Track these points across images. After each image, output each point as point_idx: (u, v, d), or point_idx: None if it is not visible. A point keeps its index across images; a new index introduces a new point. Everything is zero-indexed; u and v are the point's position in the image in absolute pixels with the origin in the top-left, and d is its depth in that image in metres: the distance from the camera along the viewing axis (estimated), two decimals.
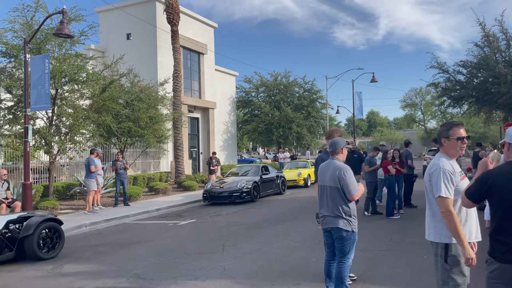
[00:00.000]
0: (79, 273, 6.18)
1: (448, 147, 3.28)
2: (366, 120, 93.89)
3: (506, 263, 2.55)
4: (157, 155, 21.42)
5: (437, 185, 3.14)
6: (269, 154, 60.35)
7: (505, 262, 2.55)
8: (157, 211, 12.82)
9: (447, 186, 3.11)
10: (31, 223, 6.96)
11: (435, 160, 3.30)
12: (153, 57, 21.98)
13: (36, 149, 13.03)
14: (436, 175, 3.18)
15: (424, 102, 65.90)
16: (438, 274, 3.23)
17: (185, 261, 6.56)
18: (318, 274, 5.54)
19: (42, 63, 10.94)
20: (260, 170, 15.81)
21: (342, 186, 4.37)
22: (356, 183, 4.42)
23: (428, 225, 3.35)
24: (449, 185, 3.12)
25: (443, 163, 3.23)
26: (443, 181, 3.12)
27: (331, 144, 4.61)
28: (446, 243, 3.18)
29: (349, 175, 4.38)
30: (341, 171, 4.39)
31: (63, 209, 12.89)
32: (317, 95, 35.24)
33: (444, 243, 3.19)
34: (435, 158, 3.33)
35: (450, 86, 23.48)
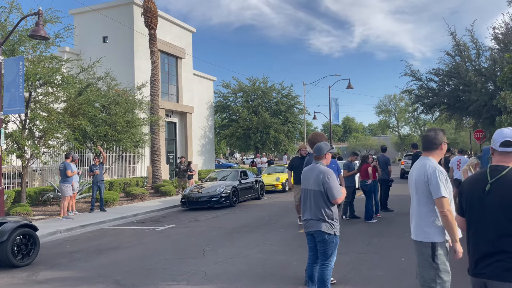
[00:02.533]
0: (55, 280, 6.03)
1: (442, 151, 3.49)
2: (342, 125, 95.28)
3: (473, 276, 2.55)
4: (133, 160, 21.11)
5: (438, 187, 3.24)
6: (246, 159, 60.39)
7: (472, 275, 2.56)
8: (134, 217, 12.63)
9: (445, 186, 3.25)
10: (5, 230, 6.74)
11: (428, 162, 3.37)
12: (130, 61, 21.71)
13: (8, 153, 12.64)
14: (435, 176, 3.27)
15: (398, 109, 67.56)
16: (426, 272, 3.30)
17: (166, 267, 6.49)
18: (299, 277, 5.59)
19: (16, 65, 10.65)
20: (239, 175, 15.81)
21: (326, 190, 4.45)
22: (339, 187, 4.51)
23: (416, 226, 3.41)
24: (446, 185, 3.27)
25: (435, 164, 3.36)
26: (441, 182, 3.25)
27: (316, 149, 4.68)
28: (433, 242, 3.29)
29: (332, 179, 4.47)
30: (325, 175, 4.46)
31: (36, 215, 12.53)
32: (294, 101, 35.58)
33: (431, 242, 3.30)
34: (427, 160, 3.41)
35: (423, 93, 24.14)
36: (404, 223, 9.62)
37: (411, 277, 5.46)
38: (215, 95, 33.21)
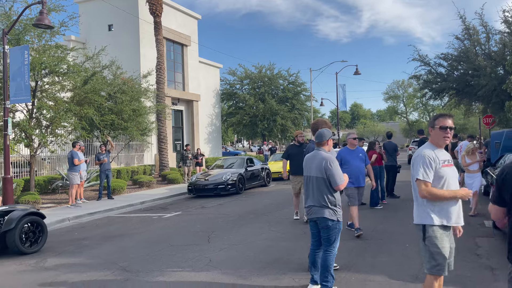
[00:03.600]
0: (63, 266, 6.12)
1: (433, 136, 3.49)
2: (350, 112, 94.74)
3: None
4: (140, 148, 21.23)
5: (416, 169, 3.39)
6: (253, 147, 60.44)
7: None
8: (141, 204, 12.74)
9: (425, 170, 3.33)
10: (13, 217, 6.85)
11: (421, 148, 3.50)
12: (135, 49, 21.67)
13: (17, 142, 12.76)
14: (416, 160, 3.42)
15: (406, 95, 66.85)
16: (422, 254, 3.47)
17: (171, 253, 6.56)
18: (303, 263, 5.61)
19: (21, 54, 10.68)
20: (245, 163, 15.84)
21: (328, 177, 4.43)
22: (341, 173, 4.49)
23: (414, 210, 3.55)
24: (427, 169, 3.33)
25: (424, 149, 3.44)
26: (421, 166, 3.35)
27: (317, 135, 4.66)
28: (423, 224, 3.41)
29: (334, 165, 4.45)
30: (327, 162, 4.44)
31: (45, 203, 12.70)
32: (301, 88, 35.36)
33: (422, 224, 3.42)
34: (422, 147, 3.53)
35: (431, 78, 23.82)
36: (409, 209, 9.57)
37: (415, 263, 5.46)
38: (221, 82, 33.11)
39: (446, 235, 3.40)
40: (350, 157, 7.38)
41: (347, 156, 7.39)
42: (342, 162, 7.22)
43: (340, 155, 7.30)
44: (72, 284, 5.25)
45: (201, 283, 5.03)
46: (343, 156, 7.36)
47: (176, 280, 5.20)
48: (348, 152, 7.46)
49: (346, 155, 7.40)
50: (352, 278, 5.00)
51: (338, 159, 7.13)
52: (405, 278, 4.92)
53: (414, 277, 4.95)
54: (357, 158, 7.43)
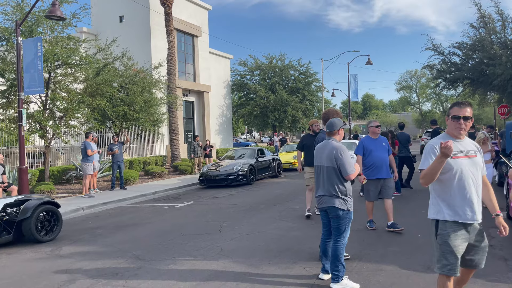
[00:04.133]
0: (78, 254, 6.24)
1: (448, 126, 3.32)
2: (361, 103, 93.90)
3: None
4: (152, 139, 21.39)
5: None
6: (264, 138, 60.40)
7: None
8: (153, 194, 12.88)
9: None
10: (29, 206, 6.99)
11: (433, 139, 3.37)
12: (146, 40, 21.73)
13: (31, 133, 12.98)
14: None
15: (419, 85, 65.99)
16: (434, 249, 3.29)
17: (183, 242, 6.63)
18: (314, 253, 5.63)
19: (34, 46, 10.79)
20: (256, 153, 15.86)
21: (339, 166, 4.42)
22: (352, 163, 4.47)
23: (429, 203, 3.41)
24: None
25: (434, 139, 3.31)
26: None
27: (328, 125, 4.64)
28: (436, 220, 3.25)
29: (345, 155, 4.43)
30: (337, 151, 4.43)
31: (59, 193, 12.91)
32: (312, 78, 35.14)
33: (435, 220, 3.26)
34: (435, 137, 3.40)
35: (445, 68, 23.44)
36: (421, 200, 9.53)
37: (427, 253, 5.44)
38: (232, 73, 33.08)
39: (460, 234, 3.15)
40: (373, 147, 6.87)
41: (369, 145, 6.89)
42: (365, 152, 6.82)
43: (362, 145, 6.88)
44: (86, 271, 5.35)
45: (212, 272, 5.09)
46: (365, 145, 6.89)
47: (188, 268, 5.27)
48: (371, 142, 6.95)
49: (369, 145, 6.90)
50: (363, 268, 5.01)
51: (360, 148, 6.83)
52: (416, 268, 4.91)
53: (425, 267, 4.93)
54: (380, 147, 6.89)
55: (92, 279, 5.00)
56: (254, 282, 4.65)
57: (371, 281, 4.55)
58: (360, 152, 6.85)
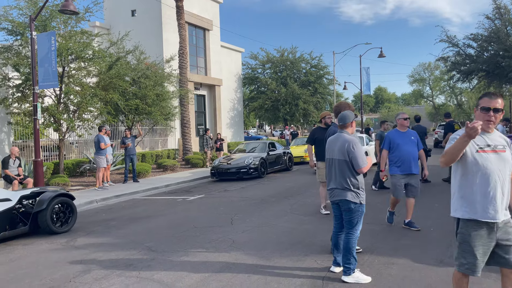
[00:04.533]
0: (92, 245, 6.35)
1: (476, 117, 3.07)
2: (374, 96, 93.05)
3: None
4: (164, 132, 21.53)
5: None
6: (275, 131, 60.33)
7: None
8: (166, 187, 12.99)
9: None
10: (44, 198, 7.12)
11: None
12: (158, 34, 21.80)
13: (46, 126, 13.17)
14: None
15: (432, 77, 65.09)
16: (456, 246, 3.16)
17: (195, 234, 6.69)
18: (325, 245, 5.64)
19: (48, 40, 10.92)
20: (267, 147, 15.87)
21: (351, 159, 4.41)
22: (364, 156, 4.45)
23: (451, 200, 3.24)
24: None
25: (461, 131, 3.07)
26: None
27: (341, 117, 4.61)
28: (457, 218, 3.13)
29: (357, 148, 4.41)
30: (350, 144, 4.41)
31: (73, 185, 13.10)
32: (324, 71, 34.89)
33: (456, 218, 3.14)
34: None
35: (459, 60, 23.09)
36: (435, 193, 9.45)
37: (440, 247, 5.41)
38: (243, 67, 33.02)
39: (483, 234, 2.99)
40: (401, 141, 6.37)
41: (397, 139, 6.40)
42: (391, 146, 6.40)
43: (389, 139, 6.42)
44: (100, 262, 5.44)
45: (224, 263, 5.13)
46: (392, 139, 6.42)
47: (200, 260, 5.32)
48: (398, 135, 6.45)
49: (396, 138, 6.41)
50: (375, 261, 5.00)
51: (386, 142, 6.44)
52: (429, 261, 4.89)
53: (438, 261, 4.90)
54: (409, 141, 6.39)
55: (106, 270, 5.09)
56: (265, 274, 4.68)
57: (383, 274, 4.54)
58: (386, 146, 6.46)
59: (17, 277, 5.02)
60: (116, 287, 4.50)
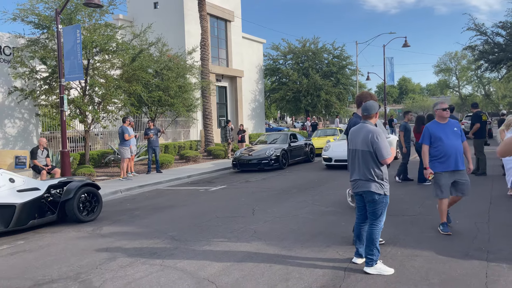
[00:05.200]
0: (117, 234, 6.50)
1: None
2: (397, 86, 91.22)
3: None
4: (187, 124, 21.74)
5: None
6: (297, 123, 60.06)
7: None
8: (188, 178, 13.15)
9: None
10: (71, 188, 7.32)
11: None
12: (180, 26, 21.92)
13: (72, 118, 13.49)
14: None
15: (459, 67, 63.23)
16: None
17: (217, 224, 6.77)
18: (347, 237, 5.61)
19: (73, 33, 11.13)
20: (289, 138, 15.82)
21: (375, 150, 4.34)
22: (389, 147, 4.38)
23: None
24: None
25: None
26: None
27: (365, 108, 4.53)
28: None
29: (381, 138, 4.34)
30: (373, 135, 4.35)
31: (99, 176, 13.41)
32: (346, 61, 34.38)
33: None
34: None
35: (488, 49, 22.36)
36: None
37: (466, 240, 5.30)
38: (264, 58, 32.87)
39: None
40: (442, 133, 5.70)
41: (438, 132, 5.73)
42: (432, 140, 5.75)
43: (429, 132, 5.78)
44: (125, 250, 5.57)
45: (246, 253, 5.17)
46: (432, 132, 5.76)
47: (222, 249, 5.38)
48: (439, 127, 5.77)
49: (436, 131, 5.74)
50: (398, 253, 4.94)
51: (426, 137, 5.80)
52: (454, 254, 4.80)
53: (464, 253, 4.81)
54: (451, 133, 5.71)
55: (131, 258, 5.21)
56: (287, 264, 4.69)
57: (406, 266, 4.49)
58: (427, 140, 5.81)
59: (46, 263, 5.20)
60: (140, 274, 4.60)
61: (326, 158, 13.90)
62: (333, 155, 13.62)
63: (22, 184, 6.98)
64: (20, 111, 13.80)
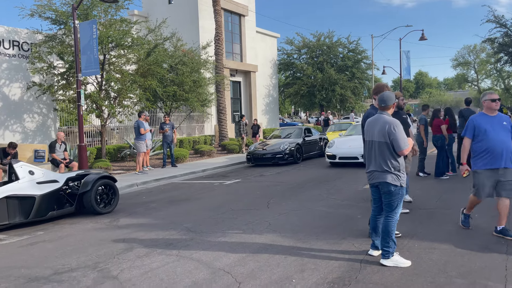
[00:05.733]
0: (133, 225, 6.59)
1: None
2: (414, 81, 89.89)
3: None
4: (201, 119, 21.84)
5: None
6: (311, 118, 59.76)
7: None
8: (203, 172, 13.23)
9: None
10: (89, 180, 7.43)
11: None
12: (194, 21, 21.98)
13: (89, 112, 13.67)
14: None
15: (478, 60, 61.96)
16: None
17: (232, 217, 6.79)
18: (363, 230, 5.57)
19: (89, 28, 11.26)
20: (303, 132, 15.76)
21: (392, 141, 4.29)
22: (406, 138, 4.31)
23: None
24: None
25: None
26: None
27: (381, 99, 4.48)
28: None
29: (399, 129, 4.28)
30: (390, 126, 4.29)
31: (115, 169, 13.58)
32: (362, 55, 34.02)
33: None
34: None
35: (508, 41, 21.86)
36: None
37: (485, 233, 5.21)
38: (278, 52, 32.75)
39: None
40: (490, 126, 5.11)
41: (484, 124, 5.14)
42: (476, 133, 5.17)
43: (473, 123, 5.21)
44: (142, 241, 5.64)
45: (261, 245, 5.18)
46: (477, 124, 5.17)
47: (237, 241, 5.40)
48: (486, 119, 5.18)
49: (483, 124, 5.15)
50: (415, 246, 4.88)
51: (470, 129, 5.22)
52: (472, 247, 4.72)
53: (483, 247, 4.73)
54: (499, 127, 5.12)
55: (148, 248, 5.27)
56: (302, 256, 4.68)
57: (423, 259, 4.43)
58: (470, 133, 5.23)
59: (66, 253, 5.30)
60: (157, 264, 4.65)
61: (330, 155, 13.01)
62: (337, 152, 12.82)
63: (41, 177, 7.12)
64: (39, 106, 14.05)
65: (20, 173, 6.90)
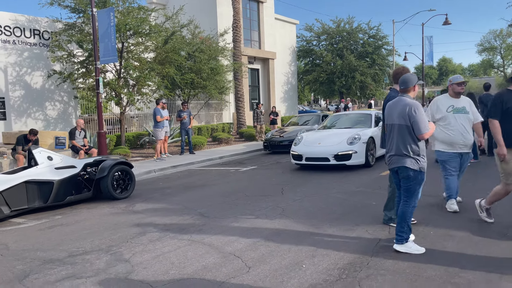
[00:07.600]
0: (149, 210, 6.67)
1: None
2: (437, 67, 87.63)
3: None
4: (219, 106, 21.87)
5: None
6: (331, 106, 59.11)
7: None
8: (220, 159, 13.27)
9: None
10: (105, 166, 7.54)
11: None
12: (212, 8, 21.87)
13: (108, 100, 13.85)
14: None
15: (504, 45, 59.81)
16: None
17: (246, 202, 6.79)
18: (377, 216, 5.48)
19: (107, 16, 11.33)
20: (321, 119, 15.58)
21: (412, 124, 4.15)
22: (426, 122, 4.15)
23: None
24: None
25: None
26: None
27: (403, 81, 4.32)
28: None
29: (419, 112, 4.14)
30: (411, 108, 4.15)
31: (134, 156, 13.77)
32: (382, 41, 33.22)
33: None
34: None
35: None
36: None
37: (504, 221, 5.06)
38: (297, 39, 32.32)
39: None
40: None
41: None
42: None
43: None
44: (156, 225, 5.70)
45: (274, 230, 5.16)
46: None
47: (250, 226, 5.39)
48: None
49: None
50: (430, 232, 4.77)
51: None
52: (490, 235, 4.58)
53: (501, 234, 4.58)
54: None
55: (161, 233, 5.32)
56: (314, 242, 4.64)
57: (437, 246, 4.33)
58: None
59: (81, 236, 5.41)
60: (168, 248, 4.70)
61: (295, 155, 10.04)
62: (304, 151, 9.88)
63: (59, 162, 7.27)
64: (60, 94, 14.32)
65: (39, 159, 7.05)
